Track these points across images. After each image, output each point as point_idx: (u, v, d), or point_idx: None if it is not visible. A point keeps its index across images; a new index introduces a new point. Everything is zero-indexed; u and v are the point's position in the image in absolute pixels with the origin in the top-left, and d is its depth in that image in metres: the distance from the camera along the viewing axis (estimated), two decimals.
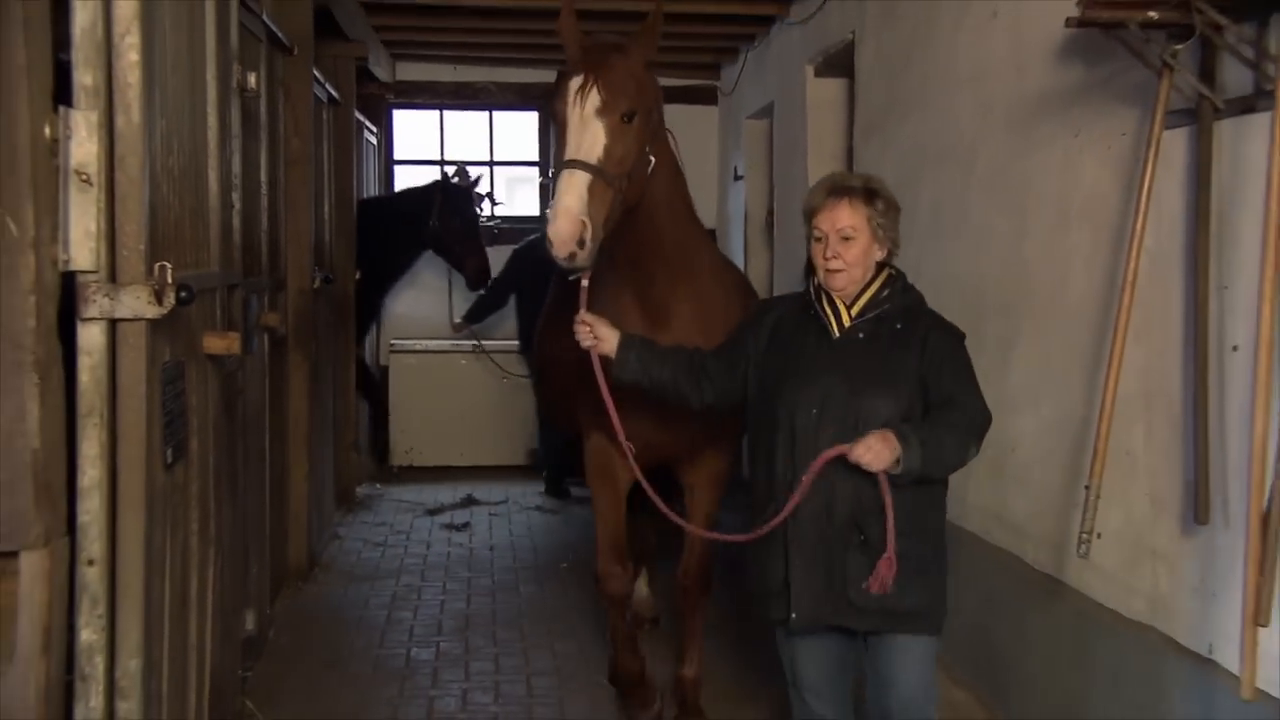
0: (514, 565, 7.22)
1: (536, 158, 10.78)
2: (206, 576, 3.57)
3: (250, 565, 5.00)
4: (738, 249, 9.33)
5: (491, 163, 10.70)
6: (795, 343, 3.57)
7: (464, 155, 10.62)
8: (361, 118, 9.04)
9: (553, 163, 3.86)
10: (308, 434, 6.57)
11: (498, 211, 10.10)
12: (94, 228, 2.58)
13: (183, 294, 2.75)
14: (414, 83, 10.38)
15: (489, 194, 9.72)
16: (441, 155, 10.76)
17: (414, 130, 10.87)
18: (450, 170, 9.62)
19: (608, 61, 3.80)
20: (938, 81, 5.40)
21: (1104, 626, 3.96)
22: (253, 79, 4.37)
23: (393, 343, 10.13)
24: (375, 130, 10.01)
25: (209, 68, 3.62)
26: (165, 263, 2.73)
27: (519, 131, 10.86)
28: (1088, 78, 4.07)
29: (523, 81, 10.13)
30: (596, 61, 3.79)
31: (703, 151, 10.30)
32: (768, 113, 8.72)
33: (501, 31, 8.70)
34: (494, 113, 10.69)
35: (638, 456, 4.01)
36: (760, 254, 9.14)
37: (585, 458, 4.73)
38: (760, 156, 9.14)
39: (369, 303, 9.00)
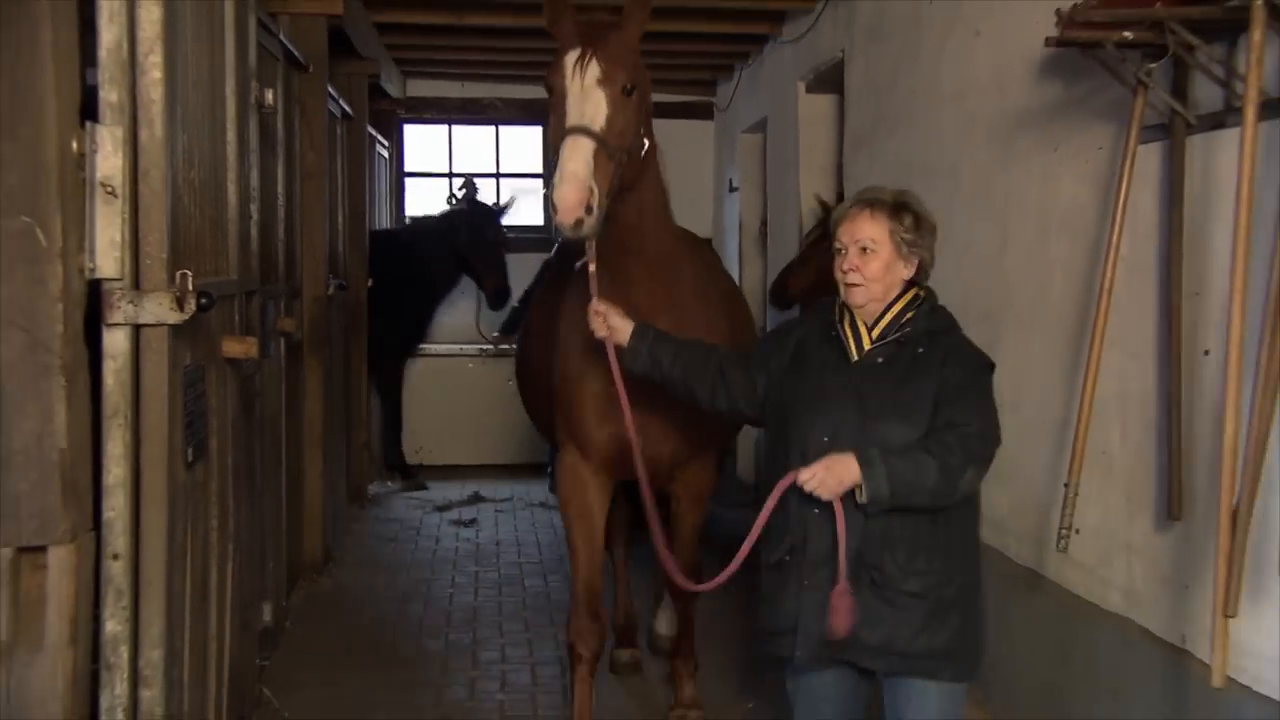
0: (519, 560, 7.22)
1: (541, 170, 10.79)
2: (226, 570, 3.58)
3: (267, 559, 5.00)
4: (732, 257, 9.33)
5: (498, 175, 10.72)
6: (813, 365, 3.25)
7: (471, 168, 10.63)
8: (374, 132, 9.05)
9: (552, 134, 3.55)
10: (322, 434, 6.57)
11: (502, 221, 10.09)
12: (119, 238, 2.59)
13: (203, 300, 2.76)
14: (424, 99, 10.38)
15: (508, 203, 9.72)
16: (450, 168, 10.77)
17: (424, 144, 10.87)
18: (458, 183, 9.63)
19: (605, 36, 3.58)
20: (923, 98, 5.41)
21: (1082, 618, 3.96)
22: (270, 96, 4.38)
23: None
24: (387, 144, 10.02)
25: (228, 85, 3.63)
26: (186, 271, 2.74)
27: (524, 145, 10.88)
28: (1066, 95, 4.07)
29: (527, 97, 10.12)
30: (594, 36, 3.56)
31: (699, 164, 10.33)
32: (761, 127, 8.72)
33: (507, 50, 8.70)
34: (500, 127, 10.69)
35: (619, 464, 3.67)
36: (754, 262, 9.15)
37: (557, 477, 4.26)
38: (754, 169, 9.15)
39: (418, 320, 9.14)
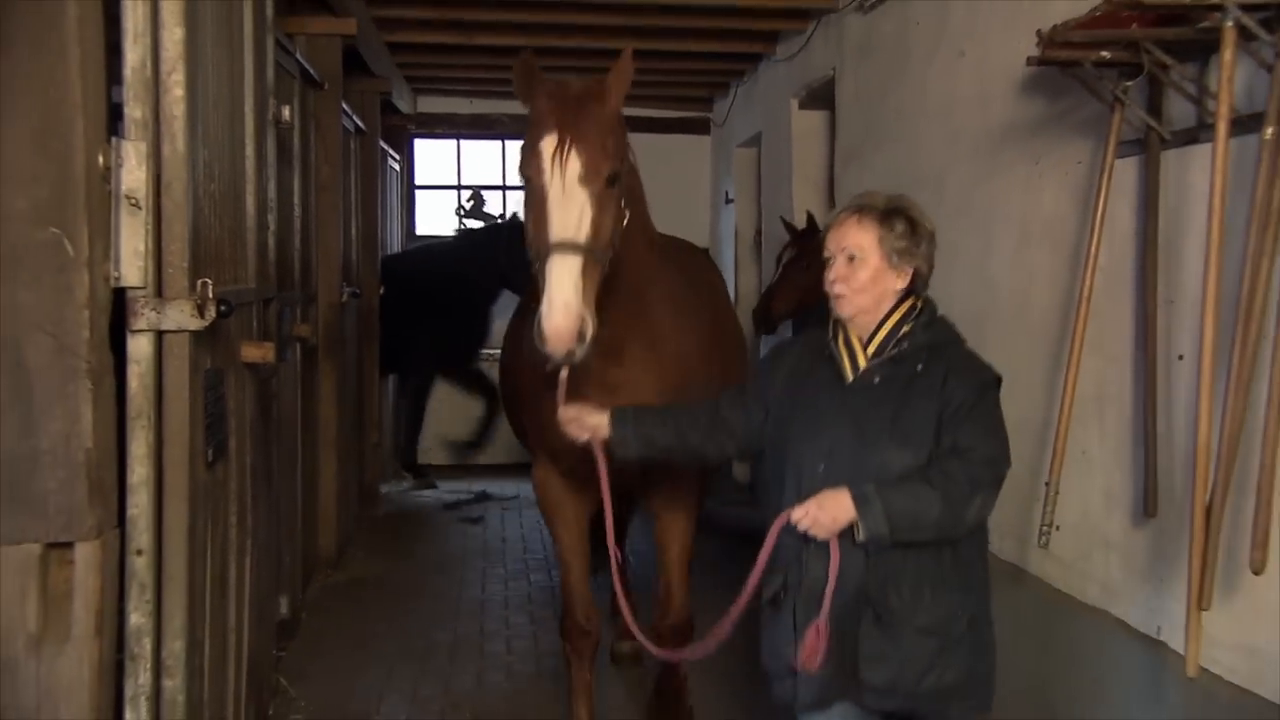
0: (524, 555, 7.21)
1: None
2: (244, 565, 3.58)
3: (283, 555, 5.00)
4: (729, 266, 9.33)
5: (504, 187, 10.72)
6: (807, 387, 2.93)
7: (479, 180, 10.65)
8: (385, 147, 9.05)
9: (532, 240, 3.07)
10: (336, 435, 6.57)
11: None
12: (142, 247, 2.59)
13: (223, 308, 2.76)
14: (433, 114, 10.38)
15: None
16: (458, 181, 10.77)
17: (433, 158, 10.87)
18: (466, 195, 9.62)
19: (584, 114, 3.04)
20: (911, 114, 5.41)
21: (1062, 611, 3.96)
22: (287, 112, 4.38)
23: None
24: (398, 158, 10.02)
25: (247, 102, 3.64)
26: (207, 279, 2.75)
27: None
28: (1047, 111, 4.08)
29: None
30: (571, 115, 3.03)
31: (696, 177, 10.35)
32: (756, 142, 8.73)
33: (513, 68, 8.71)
34: (507, 141, 10.67)
35: (589, 470, 3.26)
36: (748, 270, 9.18)
37: (535, 489, 4.04)
38: (749, 182, 9.16)
39: (473, 326, 9.12)
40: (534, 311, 3.01)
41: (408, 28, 7.48)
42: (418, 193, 10.84)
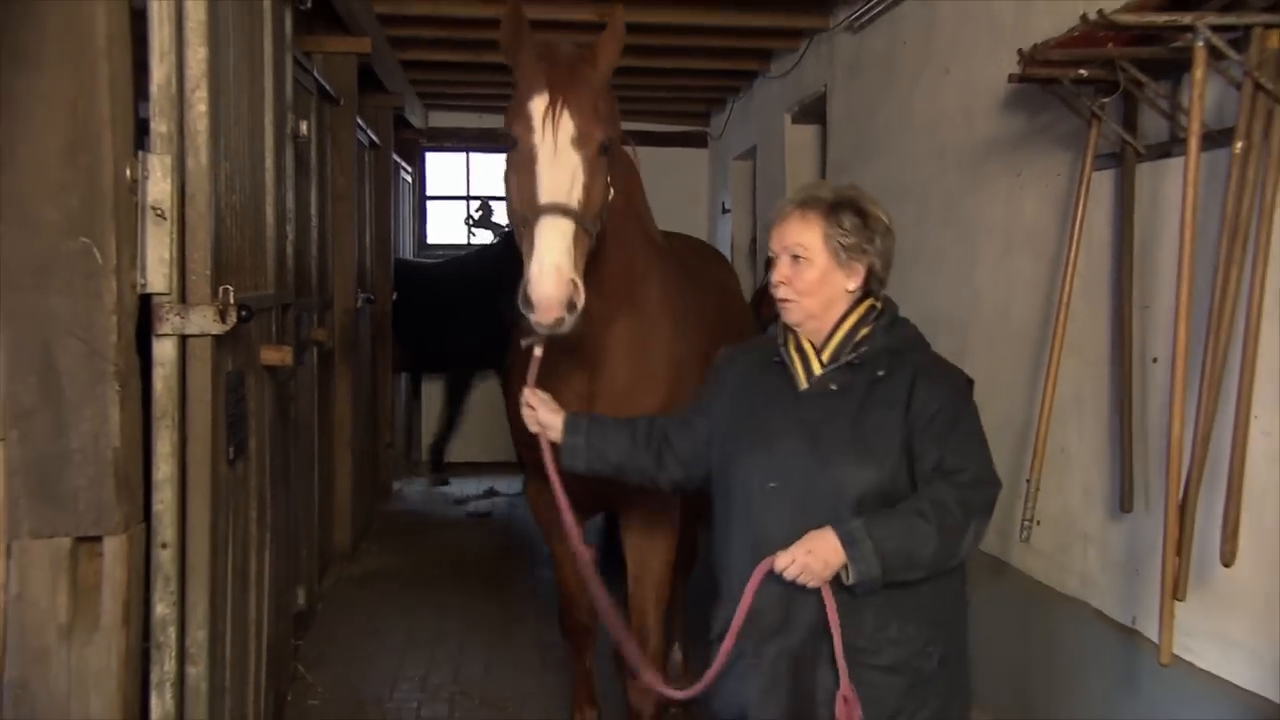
0: (529, 550, 7.20)
1: None
2: (264, 558, 3.58)
3: (301, 548, 5.01)
4: None
5: None
6: (755, 398, 2.55)
7: (487, 191, 10.65)
8: (398, 159, 9.05)
9: (517, 203, 2.74)
10: (351, 435, 6.57)
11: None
12: (167, 256, 2.60)
13: (243, 313, 2.77)
14: (444, 129, 10.38)
15: None
16: (468, 192, 10.78)
17: (444, 170, 10.87)
18: (475, 205, 9.62)
19: (576, 77, 2.76)
20: (898, 128, 5.42)
21: (1042, 601, 3.96)
22: (305, 127, 4.39)
23: None
24: (410, 170, 10.03)
25: (267, 117, 3.64)
26: (228, 286, 2.75)
27: None
28: (1028, 126, 4.09)
29: None
30: (562, 77, 2.75)
31: (695, 189, 10.35)
32: (751, 155, 8.73)
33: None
34: None
35: (573, 494, 2.83)
36: (744, 277, 9.13)
37: (529, 505, 3.89)
38: (744, 193, 9.16)
39: (496, 332, 9.17)
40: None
41: (420, 46, 7.49)
42: (429, 203, 10.84)
